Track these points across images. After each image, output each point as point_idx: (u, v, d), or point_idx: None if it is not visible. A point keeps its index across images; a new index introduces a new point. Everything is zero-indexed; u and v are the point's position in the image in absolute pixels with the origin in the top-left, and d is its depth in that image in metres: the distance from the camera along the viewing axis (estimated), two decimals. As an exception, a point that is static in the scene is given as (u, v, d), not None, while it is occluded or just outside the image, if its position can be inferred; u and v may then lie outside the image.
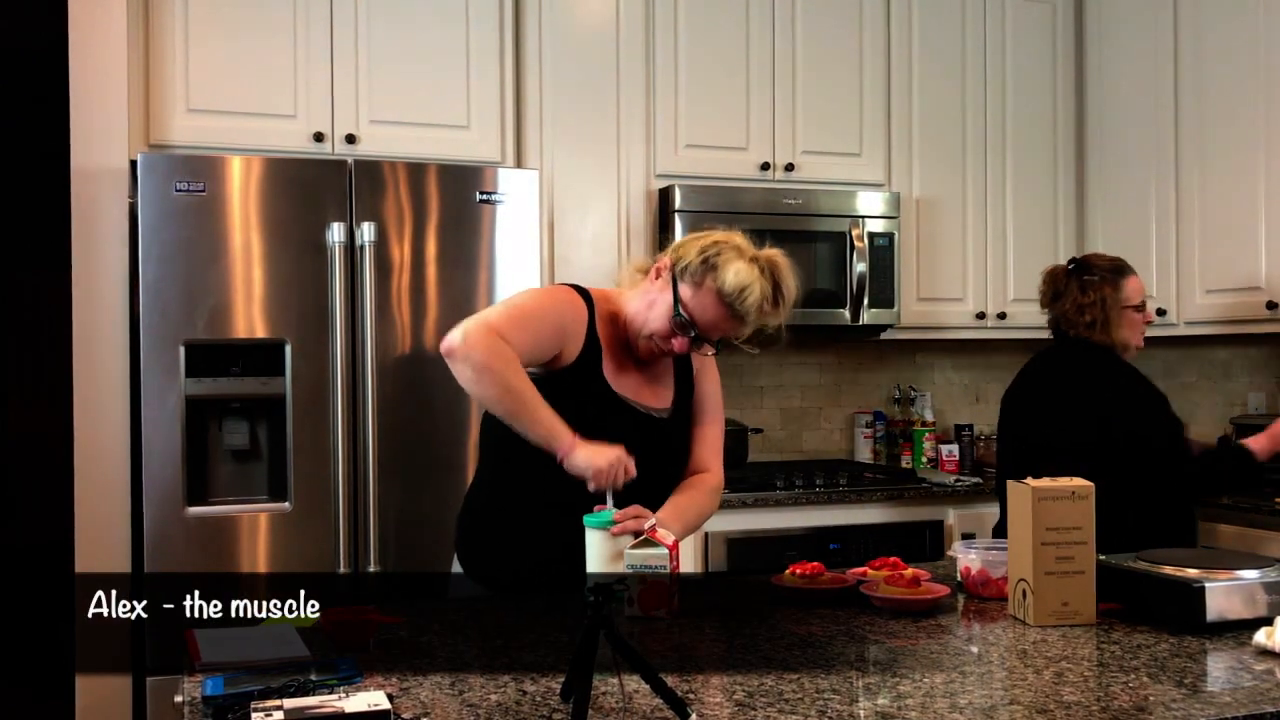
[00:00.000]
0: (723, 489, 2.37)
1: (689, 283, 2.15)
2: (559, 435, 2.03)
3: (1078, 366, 2.96)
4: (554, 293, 2.26)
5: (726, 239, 2.18)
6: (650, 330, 2.18)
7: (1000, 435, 3.14)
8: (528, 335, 2.11)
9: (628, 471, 2.04)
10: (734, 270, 2.12)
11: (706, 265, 2.14)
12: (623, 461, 2.03)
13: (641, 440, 2.12)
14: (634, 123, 3.91)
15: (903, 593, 1.98)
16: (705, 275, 2.14)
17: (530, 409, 2.05)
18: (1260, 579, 1.83)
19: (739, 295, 2.11)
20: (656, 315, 2.18)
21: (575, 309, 2.21)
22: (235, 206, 3.10)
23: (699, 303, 2.14)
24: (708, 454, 2.35)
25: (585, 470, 2.02)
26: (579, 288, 2.28)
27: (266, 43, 3.47)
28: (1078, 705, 1.44)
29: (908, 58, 4.24)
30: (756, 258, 2.15)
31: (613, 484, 2.02)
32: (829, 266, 4.01)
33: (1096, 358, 2.95)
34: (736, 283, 2.11)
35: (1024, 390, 3.08)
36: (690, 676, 1.59)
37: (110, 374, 3.18)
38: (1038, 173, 4.39)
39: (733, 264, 2.12)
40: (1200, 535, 3.53)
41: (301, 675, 1.47)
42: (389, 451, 3.19)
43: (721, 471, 2.37)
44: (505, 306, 2.17)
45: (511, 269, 3.34)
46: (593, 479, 2.01)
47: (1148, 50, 4.13)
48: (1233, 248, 3.81)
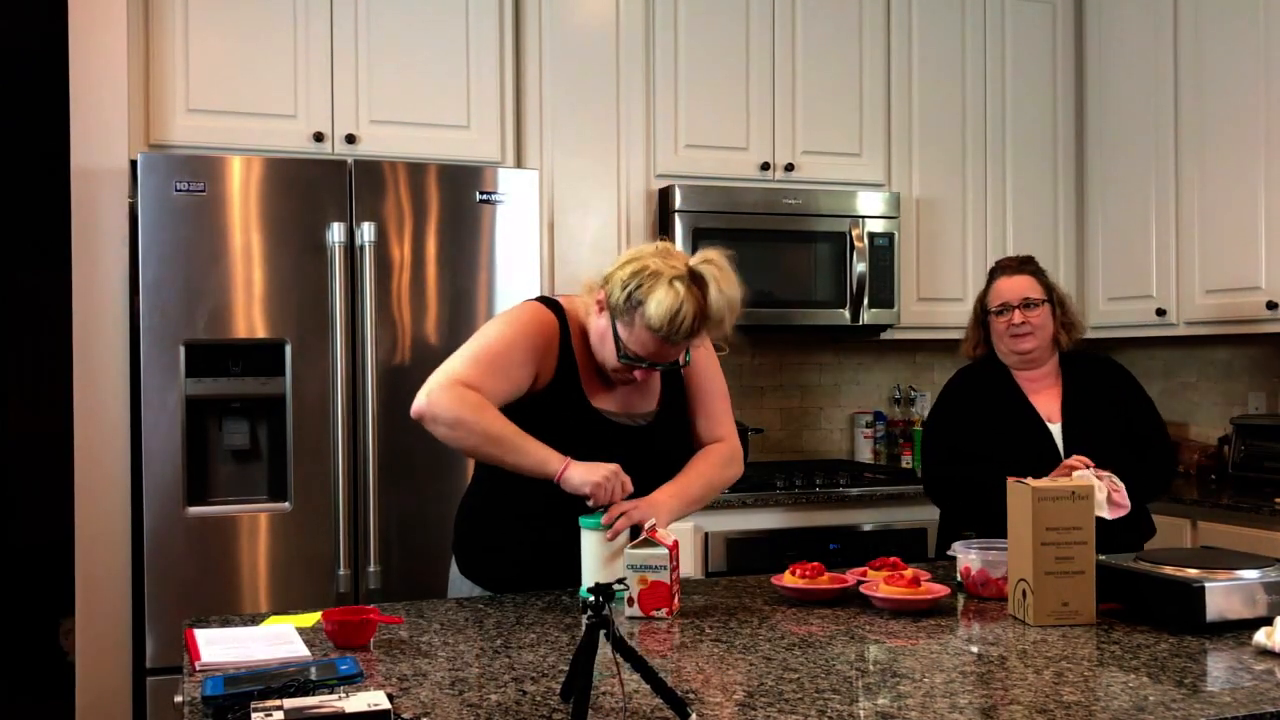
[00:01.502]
0: (740, 457, 2.35)
1: (622, 321, 2.10)
2: (549, 461, 2.05)
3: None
4: (522, 317, 2.19)
5: (645, 265, 2.07)
6: (610, 366, 2.16)
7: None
8: (498, 376, 2.09)
9: (625, 487, 2.05)
10: (655, 301, 2.03)
11: (630, 302, 2.07)
12: (619, 475, 2.04)
13: (626, 452, 2.12)
14: (634, 123, 3.91)
15: (903, 593, 1.99)
16: (633, 313, 2.07)
17: (513, 447, 2.05)
18: (1260, 579, 1.83)
19: (670, 325, 2.04)
20: (609, 352, 2.14)
21: (545, 330, 2.17)
22: (235, 206, 3.10)
23: (637, 339, 2.09)
24: (715, 427, 2.33)
25: (582, 487, 2.03)
26: (551, 301, 2.24)
27: (266, 43, 3.47)
28: (1078, 705, 1.44)
29: (908, 58, 4.24)
30: (679, 275, 2.05)
31: (611, 497, 2.03)
32: (829, 266, 4.01)
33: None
34: (661, 314, 2.03)
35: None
36: (690, 676, 1.60)
37: (110, 374, 3.18)
38: (1038, 173, 4.40)
39: (654, 294, 2.03)
40: (1201, 535, 3.54)
41: (301, 675, 1.47)
42: (389, 451, 3.19)
43: (736, 440, 2.35)
44: (470, 351, 2.13)
45: (511, 269, 3.34)
46: (591, 494, 2.03)
47: (1148, 50, 4.13)
48: (1233, 248, 3.81)
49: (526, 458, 2.05)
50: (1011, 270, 2.94)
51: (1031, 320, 2.85)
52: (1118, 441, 2.78)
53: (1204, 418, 4.37)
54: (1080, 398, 2.86)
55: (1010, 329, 2.85)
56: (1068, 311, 2.94)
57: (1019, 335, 2.85)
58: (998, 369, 2.93)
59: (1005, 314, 2.87)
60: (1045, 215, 4.40)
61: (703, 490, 2.26)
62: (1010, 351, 2.88)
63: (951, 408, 2.95)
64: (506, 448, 2.05)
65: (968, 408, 2.90)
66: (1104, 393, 2.87)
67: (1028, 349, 2.85)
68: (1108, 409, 2.84)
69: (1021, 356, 2.86)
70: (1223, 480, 4.01)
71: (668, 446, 2.28)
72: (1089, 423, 2.81)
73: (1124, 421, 2.84)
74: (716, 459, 2.30)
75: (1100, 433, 2.78)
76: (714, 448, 2.31)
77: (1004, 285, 2.91)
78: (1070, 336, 2.92)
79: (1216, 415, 4.32)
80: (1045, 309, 2.87)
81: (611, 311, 2.11)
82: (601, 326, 2.14)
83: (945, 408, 2.97)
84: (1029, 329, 2.84)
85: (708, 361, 2.34)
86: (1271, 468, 3.81)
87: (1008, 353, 2.89)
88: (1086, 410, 2.84)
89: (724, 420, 2.35)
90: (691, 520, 3.57)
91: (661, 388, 2.29)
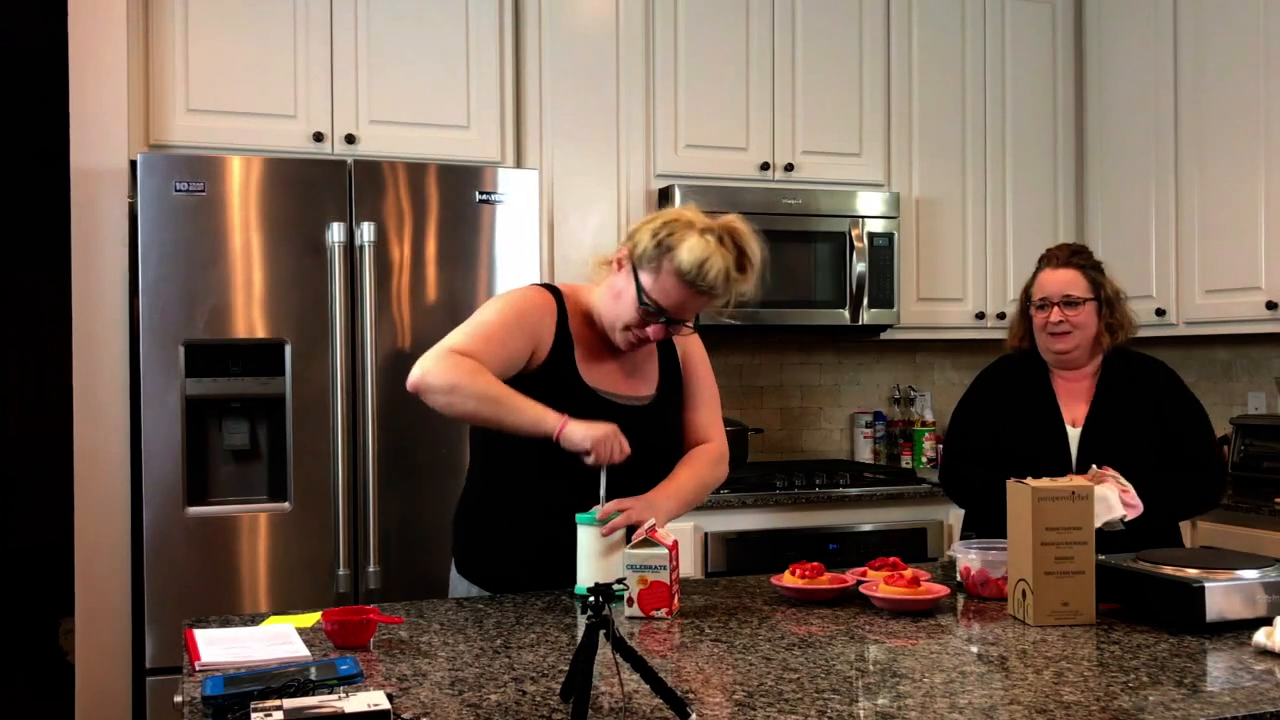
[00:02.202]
0: (727, 456, 2.36)
1: (647, 269, 2.13)
2: (545, 419, 2.04)
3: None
4: (520, 297, 2.23)
5: (676, 216, 2.14)
6: (623, 322, 2.17)
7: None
8: (495, 347, 2.10)
9: (622, 448, 2.04)
10: (688, 247, 2.08)
11: (660, 248, 2.11)
12: (618, 435, 2.04)
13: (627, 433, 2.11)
14: (634, 122, 3.91)
15: (903, 593, 1.98)
16: (661, 258, 2.11)
17: (509, 404, 2.05)
18: (1260, 579, 1.83)
19: (699, 271, 2.08)
20: (625, 306, 2.16)
21: (543, 308, 2.20)
22: (235, 206, 3.10)
23: (661, 287, 2.12)
24: (706, 427, 2.35)
25: (584, 442, 2.01)
26: (549, 286, 2.27)
27: (266, 43, 3.47)
28: (1078, 705, 1.44)
29: (908, 58, 4.24)
30: (709, 228, 2.12)
31: (610, 457, 2.03)
32: (829, 266, 4.01)
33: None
34: (693, 259, 2.08)
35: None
36: (690, 676, 1.60)
37: (110, 374, 3.18)
38: (1038, 173, 4.40)
39: (686, 240, 2.09)
40: (1201, 535, 3.54)
41: (301, 675, 1.47)
42: (389, 451, 3.19)
43: (724, 440, 2.37)
44: (466, 327, 2.16)
45: (511, 269, 3.34)
46: (592, 449, 2.01)
47: (1148, 50, 4.13)
48: (1233, 248, 3.81)
49: (524, 416, 2.04)
50: (1058, 262, 2.74)
51: (1071, 319, 2.67)
52: (1145, 451, 2.61)
53: (1204, 418, 4.37)
54: (1111, 402, 2.68)
55: (1049, 326, 2.68)
56: (1116, 312, 2.73)
57: (1057, 334, 2.68)
58: (1035, 363, 2.77)
59: (1045, 309, 2.70)
60: (1045, 215, 4.40)
61: (696, 491, 2.27)
62: (1048, 349, 2.72)
63: (977, 399, 2.83)
64: (504, 407, 2.04)
65: (993, 400, 2.78)
66: (1140, 399, 2.68)
67: (1064, 349, 2.69)
68: (1140, 417, 2.66)
69: (1058, 356, 2.71)
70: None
71: (660, 430, 2.29)
72: (1113, 429, 2.65)
73: (1159, 431, 2.65)
74: (707, 459, 2.32)
75: (1125, 441, 2.62)
76: (704, 448, 2.33)
77: (1047, 278, 2.73)
78: (1115, 338, 2.72)
79: (1216, 415, 4.30)
80: (1089, 308, 2.69)
81: (635, 263, 2.14)
82: (620, 283, 2.16)
83: (971, 398, 2.84)
84: (1067, 328, 2.67)
85: (703, 362, 2.38)
86: (1271, 468, 3.81)
87: (1045, 350, 2.73)
88: (1114, 416, 2.66)
89: (714, 421, 2.37)
90: (691, 520, 3.57)
91: (658, 376, 2.30)
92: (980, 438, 2.75)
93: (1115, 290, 2.75)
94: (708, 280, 2.09)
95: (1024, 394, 2.75)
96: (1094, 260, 2.78)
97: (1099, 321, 2.70)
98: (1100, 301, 2.71)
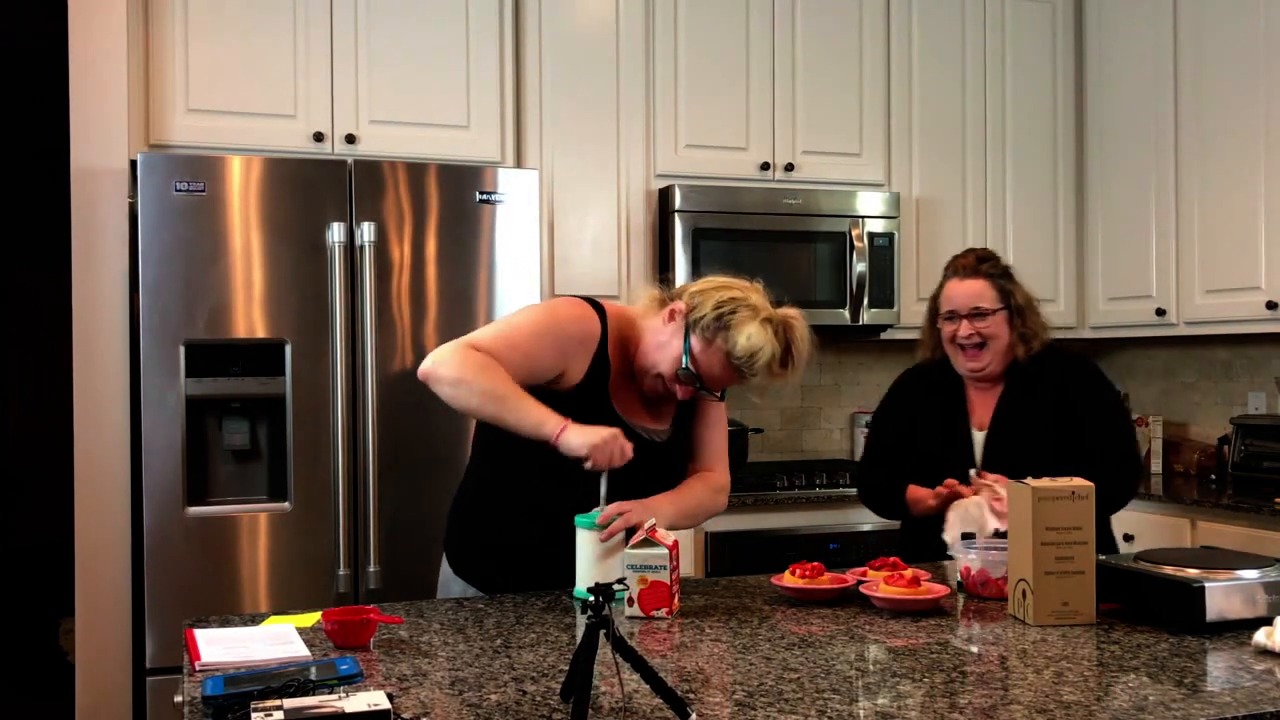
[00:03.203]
0: (728, 490, 2.36)
1: (700, 336, 2.13)
2: (547, 420, 2.02)
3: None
4: (561, 309, 2.20)
5: (744, 295, 2.15)
6: (658, 372, 2.17)
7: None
8: (517, 354, 2.09)
9: (624, 452, 2.03)
10: (746, 334, 2.10)
11: (720, 324, 2.12)
12: (619, 439, 2.02)
13: (639, 462, 2.11)
14: (634, 123, 3.91)
15: (903, 593, 1.98)
16: (717, 334, 2.12)
17: (513, 405, 2.03)
18: (1260, 579, 1.83)
19: (749, 359, 2.11)
20: (665, 360, 2.16)
21: (585, 326, 2.17)
22: (235, 206, 3.10)
23: (707, 359, 2.14)
24: (712, 457, 2.35)
25: (581, 447, 1.99)
26: (594, 302, 2.23)
27: (266, 43, 3.47)
28: (1078, 705, 1.44)
29: (908, 58, 4.24)
30: (771, 319, 2.13)
31: (609, 461, 2.01)
32: (829, 266, 4.01)
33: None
34: (748, 347, 2.10)
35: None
36: (690, 676, 1.59)
37: (110, 374, 3.18)
38: (1038, 173, 4.40)
39: (746, 326, 2.10)
40: (1201, 535, 3.54)
41: (301, 675, 1.47)
42: (389, 451, 3.19)
43: (727, 474, 2.37)
44: (496, 326, 2.16)
45: (511, 269, 3.34)
46: (590, 455, 2.00)
47: (1148, 50, 4.13)
48: (1233, 248, 3.81)
49: (525, 416, 2.03)
50: (965, 272, 2.62)
51: (982, 330, 2.56)
52: (1052, 451, 2.51)
53: (1204, 418, 4.37)
54: (1019, 404, 2.59)
55: (958, 339, 2.58)
56: (1028, 321, 2.60)
57: (969, 350, 2.58)
58: (949, 367, 2.67)
59: (953, 321, 2.59)
60: (1045, 215, 4.40)
61: (696, 508, 2.27)
62: (960, 366, 2.62)
63: (891, 407, 2.78)
64: (507, 405, 2.03)
65: (906, 408, 2.73)
66: (1053, 398, 2.58)
67: (977, 369, 2.59)
68: (1050, 417, 2.56)
69: (972, 374, 2.61)
70: (1223, 480, 4.01)
71: (677, 466, 2.30)
72: (1018, 432, 2.56)
73: (1074, 428, 2.55)
74: (711, 485, 2.32)
75: (1031, 443, 2.53)
76: (709, 474, 2.33)
77: (955, 289, 2.61)
78: (1029, 349, 2.59)
79: (1216, 415, 4.31)
80: (999, 318, 2.57)
81: (689, 325, 2.14)
82: (668, 335, 2.16)
83: (886, 407, 2.81)
84: (978, 340, 2.57)
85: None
86: (1271, 468, 3.81)
87: (958, 366, 2.63)
88: (1021, 418, 2.57)
89: (721, 454, 2.37)
90: (691, 520, 3.57)
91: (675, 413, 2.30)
92: (892, 445, 2.71)
93: (1026, 298, 2.63)
94: (754, 368, 2.12)
95: (936, 399, 2.68)
96: (1003, 267, 2.65)
97: (1011, 332, 2.59)
98: (1011, 310, 2.59)
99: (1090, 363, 2.67)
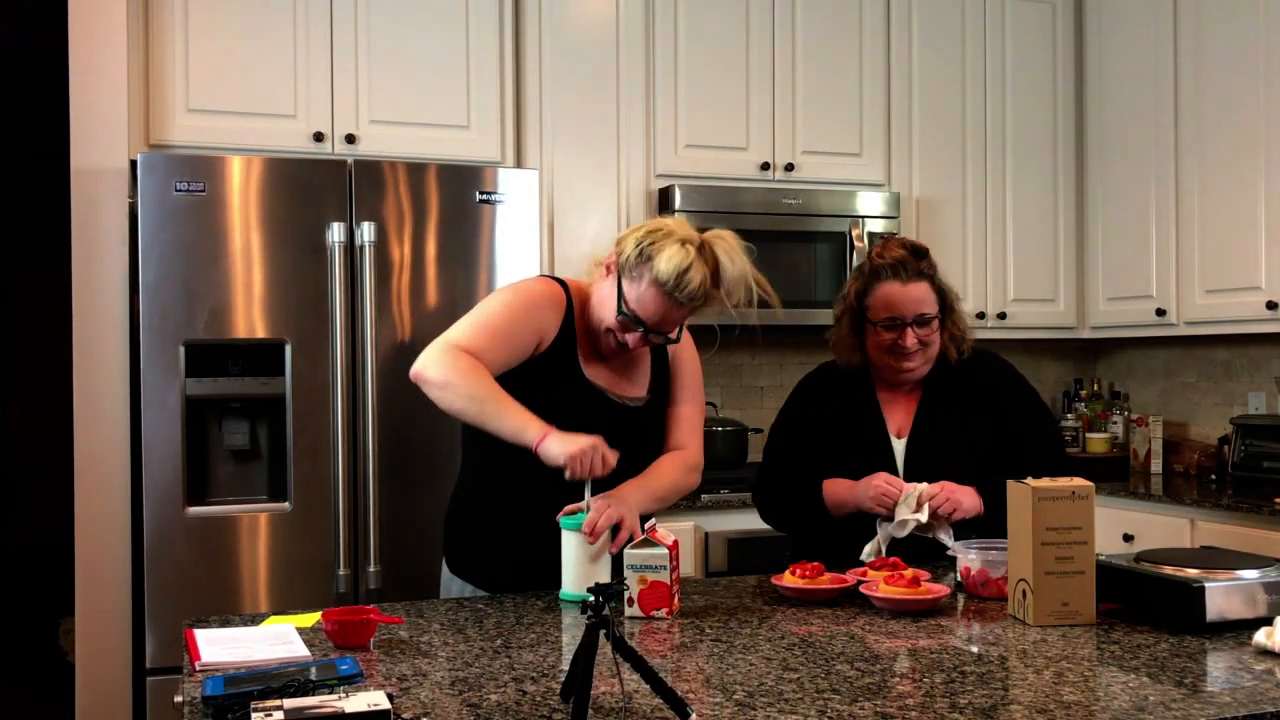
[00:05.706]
0: (701, 468, 2.35)
1: (630, 277, 2.13)
2: (528, 427, 2.03)
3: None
4: (528, 289, 2.23)
5: (660, 226, 2.13)
6: (606, 326, 2.18)
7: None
8: (499, 342, 2.11)
9: (605, 461, 2.01)
10: (665, 257, 2.07)
11: (642, 257, 2.11)
12: (599, 449, 2.01)
13: (616, 430, 2.11)
14: (634, 123, 3.91)
15: (903, 593, 1.98)
16: (642, 267, 2.11)
17: (496, 409, 2.05)
18: (1260, 579, 1.83)
19: (677, 282, 2.07)
20: (608, 312, 2.16)
21: (551, 300, 2.21)
22: (235, 206, 3.10)
23: (640, 296, 2.12)
24: (685, 433, 2.34)
25: (559, 458, 1.99)
26: (557, 278, 2.28)
27: (266, 43, 3.47)
28: (1078, 705, 1.44)
29: (908, 58, 4.24)
30: (690, 239, 2.10)
31: (590, 472, 2.00)
32: (829, 266, 4.01)
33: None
34: (670, 269, 2.07)
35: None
36: (690, 676, 1.60)
37: (110, 374, 3.18)
38: (1038, 173, 4.40)
39: (665, 250, 2.08)
40: (1201, 535, 3.54)
41: (301, 675, 1.47)
42: (389, 451, 3.19)
43: (700, 451, 2.36)
44: (471, 319, 2.17)
45: (511, 269, 3.34)
46: (567, 466, 1.99)
47: (1148, 50, 4.13)
48: (1233, 248, 3.81)
49: (506, 422, 2.04)
50: (907, 274, 2.39)
51: (924, 337, 2.38)
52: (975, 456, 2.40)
53: (1204, 418, 4.37)
54: (937, 410, 2.45)
55: (900, 347, 2.38)
56: (958, 321, 2.45)
57: (906, 354, 2.39)
58: (858, 371, 2.50)
59: (895, 329, 2.38)
60: (1045, 215, 4.40)
61: (667, 491, 2.26)
62: (894, 369, 2.42)
63: (797, 411, 2.56)
64: (488, 409, 2.05)
65: (812, 414, 2.51)
66: (971, 400, 2.45)
67: (915, 369, 2.42)
68: (970, 420, 2.44)
69: (906, 376, 2.43)
70: (1222, 480, 4.01)
71: (652, 433, 2.29)
72: (939, 438, 2.43)
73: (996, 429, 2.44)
74: (681, 463, 2.30)
75: (952, 449, 2.41)
76: (680, 453, 2.32)
77: (896, 295, 2.37)
78: (960, 351, 2.45)
79: (1216, 415, 4.31)
80: (937, 322, 2.41)
81: (620, 270, 2.15)
82: (606, 288, 2.17)
83: (791, 410, 2.58)
84: (919, 346, 2.39)
85: (691, 367, 2.37)
86: (1271, 468, 3.81)
87: (890, 370, 2.43)
88: (941, 424, 2.43)
89: (695, 431, 2.36)
90: (691, 520, 3.57)
91: (650, 379, 2.30)
92: (799, 455, 2.50)
93: (954, 294, 2.47)
94: (685, 291, 2.09)
95: (846, 406, 2.49)
96: (933, 261, 2.47)
97: (943, 334, 2.43)
98: (943, 311, 2.43)
99: (1006, 361, 2.56)
